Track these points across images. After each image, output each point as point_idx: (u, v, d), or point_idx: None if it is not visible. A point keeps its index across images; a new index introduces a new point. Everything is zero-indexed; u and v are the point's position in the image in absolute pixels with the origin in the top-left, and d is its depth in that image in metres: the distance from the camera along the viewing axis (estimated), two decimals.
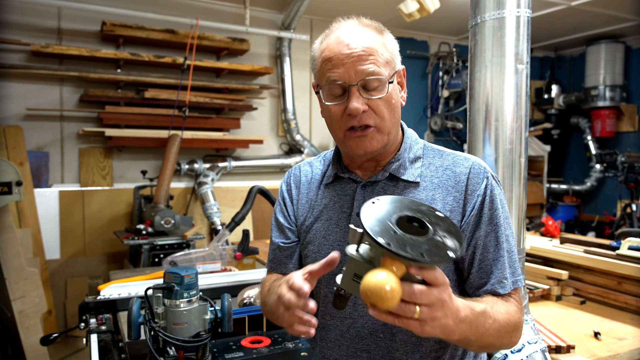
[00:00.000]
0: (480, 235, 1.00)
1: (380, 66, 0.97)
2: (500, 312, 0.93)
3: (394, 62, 1.02)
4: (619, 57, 5.80)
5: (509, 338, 0.95)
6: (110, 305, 1.74)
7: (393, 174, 1.05)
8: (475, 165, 1.03)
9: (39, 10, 3.91)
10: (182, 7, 4.39)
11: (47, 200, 3.95)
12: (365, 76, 0.96)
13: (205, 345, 1.26)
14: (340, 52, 0.97)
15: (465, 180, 1.02)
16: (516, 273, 1.01)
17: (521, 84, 1.56)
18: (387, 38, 1.03)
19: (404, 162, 1.05)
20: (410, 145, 1.08)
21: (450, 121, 5.76)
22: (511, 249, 1.02)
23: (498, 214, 1.00)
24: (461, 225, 1.01)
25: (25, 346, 2.82)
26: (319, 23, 5.12)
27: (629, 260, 2.10)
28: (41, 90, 3.97)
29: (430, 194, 1.02)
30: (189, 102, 4.15)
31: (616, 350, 1.69)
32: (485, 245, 1.00)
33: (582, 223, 6.18)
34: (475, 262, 1.00)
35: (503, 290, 0.98)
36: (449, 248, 0.73)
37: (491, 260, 0.99)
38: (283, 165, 4.86)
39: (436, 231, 0.76)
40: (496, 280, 0.98)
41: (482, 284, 1.00)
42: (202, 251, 2.48)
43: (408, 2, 3.48)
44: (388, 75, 0.99)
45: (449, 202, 1.01)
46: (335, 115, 1.00)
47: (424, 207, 0.81)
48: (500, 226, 1.00)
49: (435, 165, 1.05)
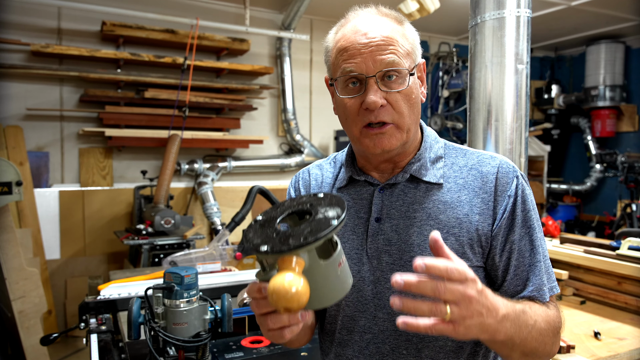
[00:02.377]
0: (514, 239, 0.92)
1: (401, 57, 0.89)
2: (539, 315, 0.86)
3: (415, 54, 0.94)
4: (619, 57, 5.80)
5: (550, 345, 0.88)
6: (110, 305, 1.73)
7: (414, 175, 0.96)
8: (504, 164, 0.95)
9: (39, 10, 3.91)
10: (182, 7, 4.39)
11: (47, 200, 3.95)
12: (384, 67, 0.88)
13: (205, 345, 1.26)
14: (358, 41, 0.89)
15: (493, 180, 0.93)
16: (551, 279, 0.94)
17: (521, 84, 1.56)
18: (408, 28, 0.94)
19: (425, 163, 0.97)
20: (431, 144, 1.00)
21: (450, 121, 5.76)
22: (545, 253, 0.94)
23: (531, 216, 0.93)
24: (493, 229, 0.92)
25: (25, 346, 2.82)
26: (319, 23, 5.12)
27: (629, 260, 2.10)
28: (41, 90, 3.97)
29: (455, 196, 0.94)
30: (189, 102, 4.15)
31: (616, 350, 1.69)
32: (521, 250, 0.92)
33: (582, 223, 6.18)
34: (510, 268, 0.92)
35: (542, 298, 0.91)
36: (331, 218, 0.69)
37: (527, 266, 0.91)
38: (283, 165, 4.86)
39: (317, 211, 0.72)
40: (535, 288, 0.91)
41: (518, 291, 0.92)
42: (202, 251, 2.48)
43: (408, 2, 3.48)
44: (409, 67, 0.90)
45: (476, 204, 0.93)
46: (351, 110, 0.92)
47: (304, 198, 0.77)
48: (534, 229, 0.93)
49: (459, 165, 0.97)
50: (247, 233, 0.74)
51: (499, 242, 0.92)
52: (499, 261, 0.92)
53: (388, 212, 0.96)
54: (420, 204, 0.94)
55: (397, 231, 0.94)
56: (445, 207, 0.93)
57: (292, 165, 4.89)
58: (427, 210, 0.93)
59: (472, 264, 0.91)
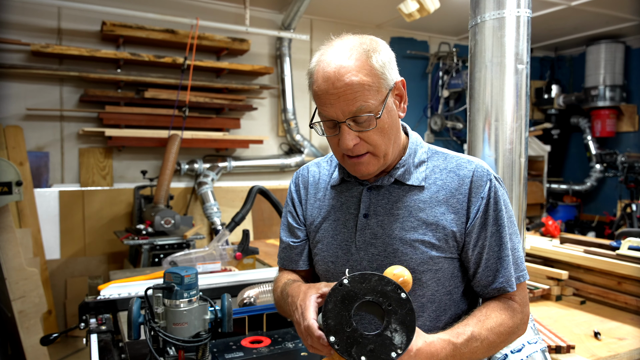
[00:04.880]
0: (486, 235, 1.04)
1: (369, 99, 0.96)
2: (489, 328, 0.99)
3: (386, 83, 0.98)
4: (619, 57, 5.80)
5: (503, 345, 1.04)
6: (110, 305, 1.73)
7: (398, 179, 1.08)
8: (479, 169, 1.06)
9: (39, 10, 3.90)
10: (182, 7, 4.39)
11: (47, 200, 3.95)
12: (352, 114, 0.96)
13: (205, 345, 1.26)
14: (327, 91, 0.96)
15: (469, 183, 1.05)
16: (520, 269, 1.07)
17: (521, 84, 1.56)
18: (375, 59, 0.97)
19: (409, 167, 1.08)
20: (415, 149, 1.11)
21: (450, 121, 5.76)
22: (515, 246, 1.06)
23: (502, 215, 1.05)
24: (467, 227, 1.04)
25: (25, 346, 2.82)
26: (319, 23, 5.12)
27: (629, 260, 2.10)
28: (41, 90, 3.97)
29: (434, 196, 1.06)
30: (189, 102, 4.15)
31: (616, 350, 1.69)
32: (491, 245, 1.04)
33: (582, 223, 6.18)
34: (482, 261, 1.05)
35: (511, 288, 1.04)
36: (394, 347, 0.80)
37: (496, 260, 1.04)
38: (283, 165, 4.86)
39: (389, 323, 0.81)
40: (504, 279, 1.04)
41: (489, 282, 1.05)
42: (202, 251, 2.48)
43: (408, 2, 3.48)
44: (379, 102, 0.97)
45: (452, 203, 1.05)
46: (332, 144, 1.05)
47: (390, 287, 0.83)
48: (504, 226, 1.04)
49: (439, 168, 1.09)
50: (328, 301, 0.83)
51: (472, 238, 1.04)
52: (472, 255, 1.05)
53: (375, 209, 1.08)
54: (403, 202, 1.06)
55: (382, 226, 1.06)
56: (425, 205, 1.05)
57: (292, 165, 4.89)
58: (409, 208, 1.06)
59: (447, 255, 1.04)
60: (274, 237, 4.63)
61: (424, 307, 1.06)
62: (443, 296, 1.06)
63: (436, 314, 1.06)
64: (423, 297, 1.05)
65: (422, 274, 1.03)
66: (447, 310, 1.07)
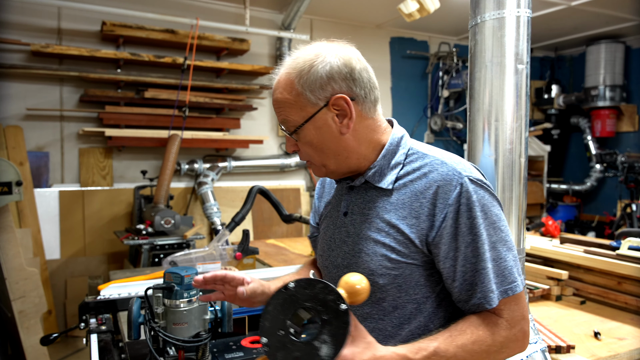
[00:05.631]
0: (457, 246, 0.95)
1: (290, 115, 1.02)
2: (460, 345, 0.91)
3: (312, 102, 1.00)
4: (619, 57, 5.80)
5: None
6: (110, 305, 1.73)
7: (368, 181, 1.07)
8: (450, 171, 0.98)
9: (39, 10, 3.90)
10: (182, 7, 4.39)
11: (47, 200, 3.95)
12: (281, 124, 1.06)
13: (205, 345, 1.26)
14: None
15: (435, 187, 0.97)
16: (507, 281, 0.96)
17: (521, 84, 1.56)
18: (303, 79, 0.99)
19: (381, 169, 1.05)
20: (394, 150, 1.06)
21: (450, 121, 5.76)
22: (500, 256, 0.96)
23: (477, 222, 0.95)
24: (431, 236, 0.97)
25: (25, 346, 2.82)
26: (319, 23, 5.12)
27: (629, 260, 2.10)
28: (41, 90, 3.97)
29: (401, 198, 1.01)
30: (189, 102, 4.15)
31: (616, 350, 1.69)
32: (466, 257, 0.95)
33: (582, 223, 6.18)
34: (457, 275, 0.96)
35: (489, 305, 0.94)
36: (319, 358, 0.78)
37: (473, 273, 0.95)
38: (283, 165, 4.85)
39: (321, 334, 0.80)
40: (481, 295, 0.95)
41: (469, 297, 0.97)
42: (202, 251, 2.48)
43: (408, 2, 3.48)
44: (301, 118, 1.01)
45: (415, 208, 0.99)
46: None
47: (331, 297, 0.81)
48: (480, 235, 0.94)
49: (413, 168, 1.03)
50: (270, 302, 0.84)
51: (441, 250, 0.97)
52: (443, 267, 0.98)
53: (352, 208, 1.10)
54: (374, 203, 1.06)
55: (354, 225, 1.07)
56: (391, 207, 1.02)
57: (292, 165, 4.89)
58: (377, 209, 1.04)
59: (408, 261, 0.99)
60: (274, 237, 4.64)
61: (385, 312, 1.03)
62: (407, 304, 1.01)
63: (399, 320, 1.02)
64: (384, 301, 1.02)
65: (380, 277, 1.00)
66: (413, 319, 1.02)
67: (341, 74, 1.00)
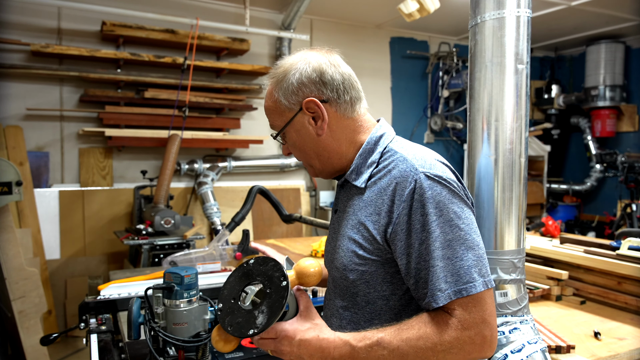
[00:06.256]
0: (411, 242, 0.95)
1: (274, 120, 1.13)
2: (404, 339, 0.91)
3: (288, 107, 1.09)
4: (619, 57, 5.80)
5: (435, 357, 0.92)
6: (110, 305, 1.73)
7: (347, 179, 1.13)
8: (408, 168, 0.99)
9: (39, 10, 3.90)
10: (182, 7, 4.39)
11: (47, 200, 3.95)
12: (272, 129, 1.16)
13: (205, 345, 1.26)
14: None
15: (394, 184, 0.99)
16: (461, 281, 0.92)
17: (521, 84, 1.56)
18: (278, 87, 1.09)
19: (357, 168, 1.11)
20: (370, 150, 1.10)
21: (450, 121, 5.76)
22: (456, 254, 0.93)
23: (430, 219, 0.94)
24: (387, 231, 0.99)
25: (25, 346, 2.82)
26: (319, 23, 5.12)
27: (629, 260, 2.10)
28: (41, 90, 3.97)
29: (369, 196, 1.06)
30: (189, 102, 4.15)
31: (616, 350, 1.69)
32: (421, 254, 0.95)
33: (582, 223, 6.18)
34: (411, 272, 0.96)
35: (435, 303, 0.93)
36: (254, 326, 0.88)
37: (426, 270, 0.94)
38: (283, 165, 4.85)
39: (261, 305, 0.90)
40: (429, 293, 0.93)
41: (422, 295, 0.96)
42: (202, 251, 2.48)
43: (408, 2, 3.48)
44: (282, 123, 1.11)
45: (378, 204, 1.02)
46: None
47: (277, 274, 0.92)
48: (432, 232, 0.93)
49: (383, 166, 1.06)
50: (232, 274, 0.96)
51: (397, 246, 0.98)
52: (400, 264, 0.99)
53: (339, 206, 1.18)
54: (351, 200, 1.11)
55: (339, 222, 1.14)
56: (362, 205, 1.07)
57: (292, 165, 4.89)
58: (353, 207, 1.09)
59: (373, 258, 1.03)
60: (274, 237, 4.64)
61: (358, 306, 1.07)
62: (377, 300, 1.04)
63: (371, 315, 1.05)
64: (357, 296, 1.07)
65: (350, 272, 1.05)
66: (383, 315, 1.04)
67: (310, 78, 1.07)
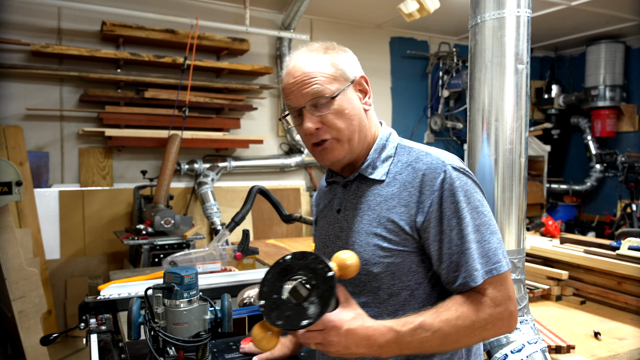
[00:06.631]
0: (443, 229, 1.02)
1: (324, 84, 1.07)
2: (445, 320, 0.97)
3: (345, 75, 1.10)
4: (619, 57, 5.80)
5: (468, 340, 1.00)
6: (110, 305, 1.73)
7: (362, 174, 1.13)
8: (434, 161, 1.06)
9: (39, 10, 3.90)
10: (182, 7, 4.39)
11: (47, 200, 3.95)
12: (310, 97, 1.07)
13: (205, 345, 1.26)
14: (288, 82, 1.10)
15: (421, 176, 1.05)
16: (491, 261, 1.01)
17: (521, 84, 1.56)
18: (336, 56, 1.11)
19: (373, 162, 1.13)
20: (384, 145, 1.15)
21: (450, 121, 5.76)
22: (484, 238, 1.02)
23: (461, 206, 1.01)
24: (419, 221, 1.03)
25: (25, 346, 2.82)
26: (319, 23, 5.12)
27: (629, 260, 2.10)
28: (41, 90, 3.97)
29: (390, 190, 1.08)
30: (189, 102, 4.15)
31: (616, 350, 1.69)
32: (451, 239, 1.01)
33: (582, 223, 6.18)
34: (443, 256, 1.03)
35: (474, 282, 0.99)
36: (307, 316, 0.89)
37: (458, 254, 1.01)
38: (283, 165, 4.85)
39: (310, 296, 0.91)
40: (466, 274, 1.00)
41: (455, 278, 1.02)
42: (202, 251, 2.48)
43: (408, 2, 3.48)
44: (335, 89, 1.07)
45: (404, 197, 1.06)
46: (301, 135, 1.13)
47: (320, 266, 0.93)
48: (463, 218, 1.01)
49: (401, 162, 1.11)
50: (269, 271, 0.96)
51: (430, 234, 1.03)
52: (432, 250, 1.04)
53: (345, 205, 1.16)
54: (365, 197, 1.12)
55: (347, 220, 1.14)
56: (382, 199, 1.09)
57: (292, 165, 4.89)
58: (369, 202, 1.10)
59: (400, 249, 1.05)
60: (274, 237, 4.64)
61: (380, 300, 1.08)
62: (401, 291, 1.06)
63: (394, 307, 1.07)
64: (379, 290, 1.07)
65: (374, 265, 1.06)
66: (407, 306, 1.06)
67: (357, 61, 1.16)
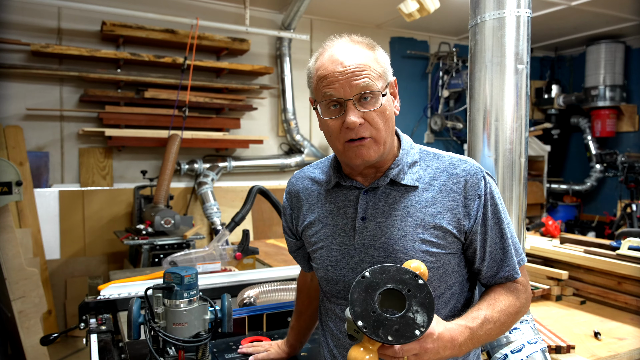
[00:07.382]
0: (486, 230, 1.09)
1: (374, 80, 1.02)
2: (500, 311, 1.06)
3: (386, 75, 1.07)
4: (619, 57, 5.80)
5: (512, 324, 1.11)
6: (110, 305, 1.74)
7: (393, 179, 1.10)
8: (472, 167, 1.10)
9: (39, 10, 3.91)
10: (182, 7, 4.39)
11: (47, 200, 3.95)
12: (359, 90, 1.01)
13: (205, 345, 1.26)
14: (335, 70, 1.03)
15: (463, 181, 1.08)
16: (518, 253, 1.14)
17: (521, 84, 1.56)
18: (379, 53, 1.08)
19: (403, 168, 1.10)
20: (408, 150, 1.13)
21: (450, 121, 5.76)
22: (512, 234, 1.13)
23: (498, 208, 1.10)
24: (470, 224, 1.07)
25: (25, 346, 2.82)
26: (319, 23, 5.12)
27: (629, 260, 2.10)
28: (41, 90, 3.97)
29: (429, 196, 1.08)
30: (189, 102, 4.15)
31: (616, 350, 1.69)
32: (492, 238, 1.10)
33: (582, 223, 6.18)
34: (486, 254, 1.10)
35: (517, 275, 1.12)
36: (417, 326, 0.87)
37: (500, 250, 1.10)
38: (283, 165, 4.85)
39: (411, 306, 0.89)
40: (510, 268, 1.11)
41: (495, 272, 1.12)
42: (202, 251, 2.48)
43: (408, 2, 3.48)
44: (381, 88, 1.04)
45: (447, 202, 1.07)
46: (334, 128, 1.05)
47: (408, 275, 0.91)
48: (502, 218, 1.10)
49: (432, 168, 1.11)
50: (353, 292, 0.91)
51: (477, 235, 1.08)
52: (479, 250, 1.10)
53: (372, 212, 1.10)
54: (400, 203, 1.09)
55: (381, 228, 1.08)
56: (421, 205, 1.07)
57: (292, 165, 4.89)
58: (406, 209, 1.08)
59: (447, 252, 1.07)
60: (274, 237, 4.63)
61: None
62: (445, 291, 1.10)
63: (438, 307, 1.09)
64: None
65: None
66: (448, 304, 1.12)
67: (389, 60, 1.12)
